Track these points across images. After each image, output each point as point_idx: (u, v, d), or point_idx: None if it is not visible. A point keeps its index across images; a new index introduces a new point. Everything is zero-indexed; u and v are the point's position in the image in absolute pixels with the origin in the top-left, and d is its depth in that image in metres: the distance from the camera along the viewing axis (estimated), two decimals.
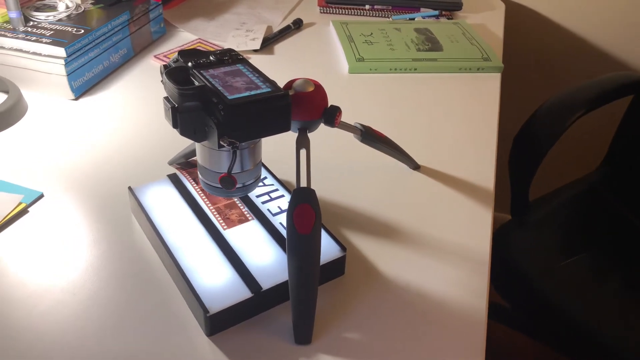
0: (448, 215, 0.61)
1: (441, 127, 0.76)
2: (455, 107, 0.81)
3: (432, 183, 0.65)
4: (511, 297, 1.00)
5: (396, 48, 0.94)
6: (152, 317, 0.47)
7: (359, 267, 0.54)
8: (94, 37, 0.78)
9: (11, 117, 0.71)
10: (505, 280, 0.99)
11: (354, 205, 0.61)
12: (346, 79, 0.87)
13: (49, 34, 0.76)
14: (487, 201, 0.63)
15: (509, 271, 0.99)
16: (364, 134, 0.59)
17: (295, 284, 0.45)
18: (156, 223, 0.53)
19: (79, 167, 0.64)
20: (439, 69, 0.90)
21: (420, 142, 0.72)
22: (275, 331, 0.47)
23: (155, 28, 0.94)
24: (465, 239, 0.58)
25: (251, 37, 0.95)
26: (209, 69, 0.47)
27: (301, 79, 0.51)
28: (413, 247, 0.56)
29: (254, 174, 0.50)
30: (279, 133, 0.46)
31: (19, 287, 0.50)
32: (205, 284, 0.47)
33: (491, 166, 0.68)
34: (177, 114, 0.43)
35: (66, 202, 0.59)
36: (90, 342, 0.45)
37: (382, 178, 0.65)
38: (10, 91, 0.73)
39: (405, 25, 1.03)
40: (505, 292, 1.00)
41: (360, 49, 0.93)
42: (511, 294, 1.00)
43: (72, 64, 0.75)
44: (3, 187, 0.59)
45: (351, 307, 0.49)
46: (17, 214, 0.56)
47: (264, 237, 0.52)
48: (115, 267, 0.52)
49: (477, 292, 0.52)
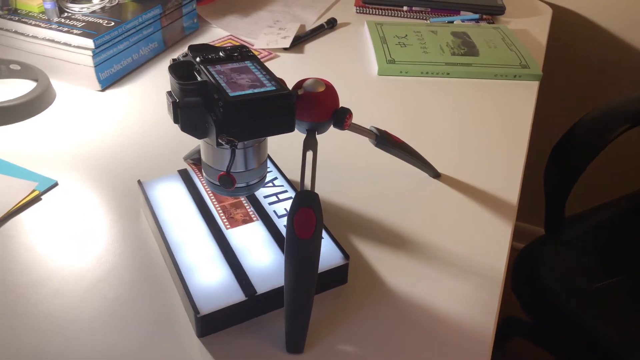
0: (465, 228, 0.58)
1: (468, 135, 0.73)
2: (486, 115, 0.77)
3: (452, 193, 0.62)
4: (537, 315, 0.95)
5: (430, 51, 0.91)
6: (147, 311, 0.47)
7: (363, 277, 0.52)
8: (123, 29, 0.79)
9: (38, 105, 0.72)
10: (532, 297, 0.95)
11: (365, 211, 0.59)
12: (375, 80, 0.85)
13: (80, 25, 0.77)
14: (508, 216, 0.59)
15: (536, 288, 0.94)
16: (378, 139, 0.57)
17: (291, 289, 0.44)
18: (160, 218, 0.52)
19: (96, 157, 0.65)
20: (473, 74, 0.87)
21: (444, 149, 0.70)
22: (268, 337, 0.45)
23: (188, 23, 0.94)
24: (481, 254, 0.55)
25: (282, 36, 0.94)
26: (216, 65, 0.46)
27: (312, 79, 0.49)
28: (423, 260, 0.54)
29: (259, 174, 0.49)
30: (282, 133, 0.45)
31: (26, 271, 0.50)
32: (201, 283, 0.46)
33: (517, 180, 0.65)
34: (178, 109, 0.43)
35: (79, 191, 0.60)
36: (83, 332, 0.45)
37: (399, 185, 0.63)
38: (40, 80, 0.74)
39: (442, 28, 1.00)
40: (531, 309, 0.95)
41: (392, 50, 0.91)
42: (537, 311, 0.95)
43: (100, 56, 0.76)
44: (19, 174, 0.60)
45: (350, 319, 0.48)
46: (30, 201, 0.57)
47: (266, 240, 0.51)
48: (119, 259, 0.52)
49: (487, 311, 0.49)
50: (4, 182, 0.58)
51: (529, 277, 0.97)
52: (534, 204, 1.46)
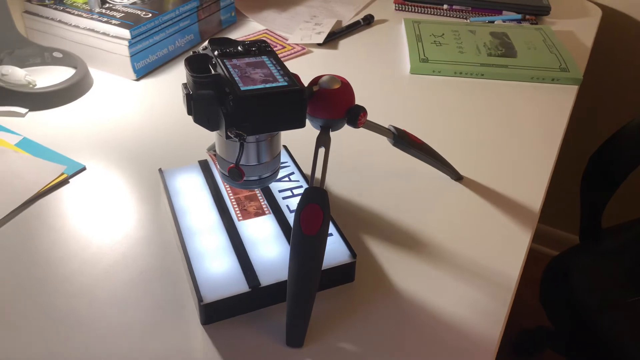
0: (481, 233, 0.56)
1: (497, 138, 0.71)
2: (518, 119, 0.75)
3: (472, 197, 0.61)
4: (564, 326, 0.92)
5: (465, 51, 0.89)
6: (157, 295, 0.48)
7: (371, 276, 0.51)
8: (160, 21, 0.81)
9: (76, 91, 0.75)
10: (560, 308, 0.92)
11: (381, 211, 0.59)
12: (407, 79, 0.84)
13: (119, 16, 0.80)
14: (528, 224, 0.58)
15: (565, 299, 0.91)
16: (396, 138, 0.56)
17: (294, 284, 0.44)
18: (176, 206, 0.54)
19: (124, 145, 0.67)
20: (508, 76, 0.84)
21: (470, 151, 0.68)
22: (269, 330, 0.46)
23: (226, 17, 0.96)
24: (495, 261, 0.53)
25: (317, 31, 0.95)
26: (233, 59, 0.47)
27: (328, 76, 0.49)
28: (435, 263, 0.53)
29: (272, 167, 0.50)
30: (292, 129, 0.45)
31: (48, 250, 0.52)
32: (208, 272, 0.47)
33: (542, 188, 0.63)
34: (191, 100, 0.44)
35: (105, 177, 0.62)
36: (96, 312, 0.47)
37: (418, 185, 0.62)
38: (78, 67, 0.78)
39: (481, 28, 0.97)
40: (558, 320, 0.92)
41: (427, 49, 0.89)
42: (564, 322, 0.92)
43: (136, 46, 0.78)
44: (50, 156, 0.63)
45: (353, 317, 0.47)
46: (58, 184, 0.60)
47: (276, 233, 0.51)
48: (136, 244, 0.53)
49: (494, 320, 0.48)
50: (35, 164, 0.61)
51: (558, 287, 0.94)
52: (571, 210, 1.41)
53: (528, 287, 1.32)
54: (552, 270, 0.97)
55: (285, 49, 0.90)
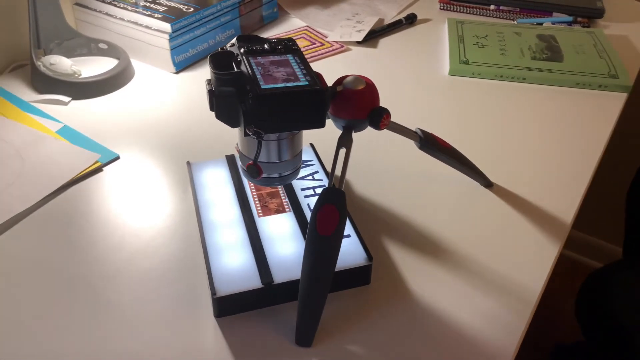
0: (507, 243, 0.55)
1: (534, 145, 0.69)
2: (559, 125, 0.72)
3: (501, 205, 0.59)
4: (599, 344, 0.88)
5: (508, 54, 0.86)
6: (174, 284, 0.49)
7: (388, 280, 0.51)
8: (201, 16, 0.82)
9: (117, 82, 0.78)
10: (596, 325, 0.88)
11: (404, 214, 0.58)
12: (445, 80, 0.82)
13: (162, 9, 0.82)
14: (558, 237, 0.56)
15: (601, 315, 0.87)
16: (422, 141, 0.55)
17: (306, 284, 0.44)
18: (200, 199, 0.55)
19: (158, 136, 0.69)
20: (552, 81, 0.81)
21: (504, 157, 0.66)
22: (280, 327, 0.46)
23: (268, 12, 0.97)
24: (518, 273, 0.52)
25: (358, 29, 0.94)
26: (258, 57, 0.47)
27: (353, 76, 0.49)
28: (455, 271, 0.52)
29: (293, 165, 0.50)
30: (311, 129, 0.45)
31: (75, 236, 0.55)
32: (223, 266, 0.48)
33: (576, 200, 0.60)
34: (213, 97, 0.44)
35: (138, 167, 0.64)
36: (114, 296, 0.48)
37: (445, 191, 0.61)
38: (121, 58, 0.80)
39: (527, 30, 0.94)
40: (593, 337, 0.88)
41: (468, 50, 0.87)
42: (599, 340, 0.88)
43: (177, 40, 0.80)
44: (86, 144, 0.65)
45: (365, 321, 0.47)
46: (92, 171, 0.62)
47: (294, 231, 0.51)
48: (159, 234, 0.55)
49: (511, 333, 0.46)
50: (71, 151, 0.64)
51: (596, 302, 0.90)
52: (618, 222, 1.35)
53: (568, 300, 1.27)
54: (590, 284, 0.93)
55: (324, 46, 0.90)
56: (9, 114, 0.70)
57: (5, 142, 0.65)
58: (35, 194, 0.58)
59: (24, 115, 0.70)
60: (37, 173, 0.60)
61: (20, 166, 0.61)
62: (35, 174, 0.60)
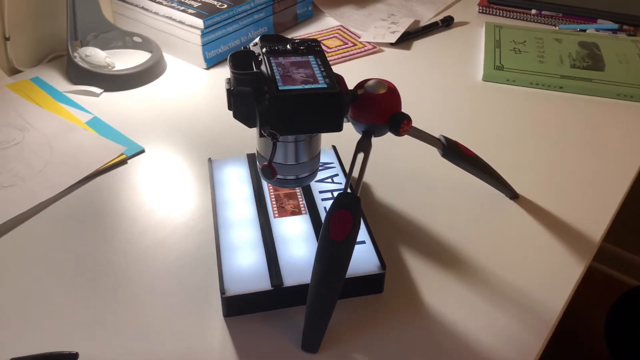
0: (529, 258, 0.53)
1: (567, 157, 0.66)
2: (595, 138, 0.69)
3: (525, 218, 0.57)
4: None
5: (546, 61, 0.83)
6: (186, 281, 0.50)
7: (401, 290, 0.50)
8: (234, 12, 0.83)
9: (148, 76, 0.79)
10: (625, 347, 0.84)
11: (425, 223, 0.57)
12: (478, 86, 0.80)
13: (196, 5, 0.83)
14: (584, 255, 0.53)
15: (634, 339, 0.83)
16: (445, 149, 0.54)
17: (315, 289, 0.44)
18: (218, 197, 0.55)
19: (185, 131, 0.70)
20: (591, 91, 0.78)
21: (533, 169, 0.64)
22: (287, 331, 0.46)
23: (302, 10, 0.96)
24: (539, 290, 0.50)
25: (392, 30, 0.92)
26: (279, 57, 0.47)
27: (374, 80, 0.48)
28: (473, 285, 0.50)
29: (310, 168, 0.49)
30: (328, 132, 0.44)
31: (97, 225, 0.56)
32: (235, 265, 0.48)
33: (607, 217, 0.58)
34: (231, 96, 0.44)
35: (162, 161, 0.64)
36: (129, 289, 0.49)
37: (469, 201, 0.59)
38: (154, 52, 0.81)
39: (569, 37, 0.91)
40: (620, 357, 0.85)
41: (504, 56, 0.85)
42: None
43: (209, 36, 0.80)
44: (114, 136, 0.66)
45: (375, 330, 0.46)
46: (117, 163, 0.63)
47: (308, 234, 0.51)
48: (177, 229, 0.55)
49: (526, 353, 0.44)
50: (98, 142, 0.65)
51: (628, 324, 0.87)
52: None
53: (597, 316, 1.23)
54: (623, 304, 0.89)
55: (356, 46, 0.89)
56: (43, 103, 0.72)
57: (37, 131, 0.66)
58: (60, 183, 0.59)
59: (57, 105, 0.72)
60: (64, 163, 0.62)
61: (49, 155, 0.63)
62: (62, 164, 0.61)
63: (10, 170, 0.60)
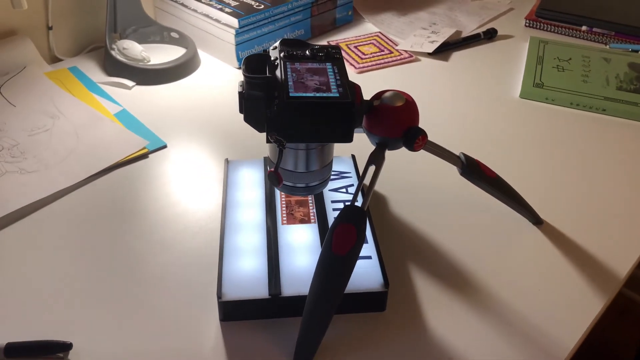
0: (546, 290, 0.50)
1: (601, 185, 0.62)
2: (635, 166, 0.65)
3: (547, 246, 0.54)
4: None
5: (591, 81, 0.79)
6: (187, 281, 0.50)
7: (405, 311, 0.48)
8: (270, 13, 0.83)
9: (181, 71, 0.80)
10: None
11: (437, 241, 0.54)
12: (514, 103, 0.77)
13: (233, 4, 0.83)
14: (606, 291, 0.50)
15: None
16: (464, 167, 0.52)
17: (312, 301, 0.43)
18: (229, 199, 0.54)
19: (209, 130, 0.70)
20: (637, 115, 0.74)
21: (563, 194, 0.61)
22: (282, 341, 0.45)
23: (342, 15, 0.95)
24: (553, 325, 0.47)
25: (431, 40, 0.90)
26: (296, 62, 0.46)
27: (392, 91, 0.47)
28: (482, 312, 0.48)
29: (321, 176, 0.48)
30: (338, 142, 0.43)
31: (109, 219, 0.56)
32: (235, 269, 0.47)
33: (636, 253, 0.54)
34: (243, 99, 0.44)
35: (183, 158, 0.65)
36: (134, 283, 0.49)
37: (487, 222, 0.57)
38: (189, 48, 0.82)
39: (619, 57, 0.86)
40: None
41: (545, 73, 0.81)
42: None
43: (243, 36, 0.80)
44: (137, 129, 0.67)
45: (370, 348, 0.45)
46: (138, 157, 0.64)
47: (314, 244, 0.50)
48: (186, 226, 0.55)
49: None
50: (122, 135, 0.66)
51: None
52: None
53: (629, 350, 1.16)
54: None
55: (392, 54, 0.87)
56: (77, 92, 0.73)
57: (66, 119, 0.68)
58: (80, 172, 0.60)
59: (89, 95, 0.73)
60: (87, 152, 0.63)
61: (74, 144, 0.64)
62: (85, 153, 0.63)
63: (35, 157, 0.62)
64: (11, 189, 0.57)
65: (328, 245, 0.43)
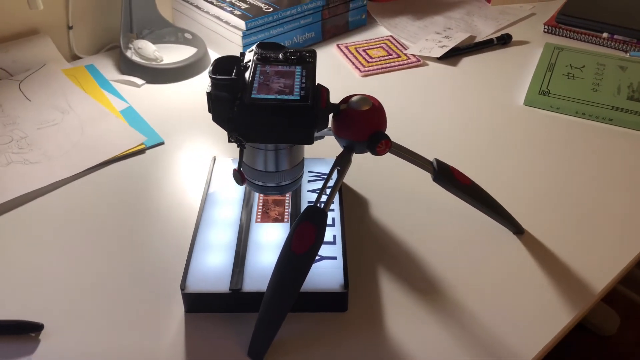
0: (513, 301, 0.49)
1: (594, 196, 0.61)
2: (631, 177, 0.63)
3: (523, 256, 0.54)
4: None
5: (601, 90, 0.77)
6: (159, 271, 0.52)
7: (367, 312, 0.48)
8: (278, 16, 0.84)
9: (191, 71, 0.82)
10: None
11: (411, 246, 0.55)
12: (518, 111, 0.76)
13: (244, 7, 0.85)
14: (577, 306, 0.49)
15: None
16: (436, 174, 0.51)
17: (269, 298, 0.44)
18: (209, 195, 0.56)
19: (209, 129, 0.72)
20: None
21: (550, 205, 0.59)
22: (241, 336, 0.46)
23: (355, 18, 0.96)
24: (516, 337, 0.46)
25: (441, 44, 0.90)
26: (266, 65, 0.47)
27: (360, 95, 0.47)
28: (446, 320, 0.48)
29: (291, 176, 0.49)
30: (298, 144, 0.45)
31: (99, 209, 0.59)
32: (203, 263, 0.49)
33: (614, 270, 0.52)
34: (210, 100, 0.45)
35: (178, 155, 0.67)
36: (98, 269, 0.52)
37: (465, 230, 0.56)
38: (199, 48, 0.85)
39: (636, 65, 0.83)
40: None
41: (554, 81, 0.79)
42: None
43: (250, 38, 0.82)
44: (139, 126, 0.70)
45: (325, 347, 0.45)
46: (135, 152, 0.66)
47: (282, 243, 0.51)
48: (167, 222, 0.57)
49: None
50: (123, 130, 0.69)
51: None
52: None
53: None
54: None
55: (400, 58, 0.87)
56: (88, 88, 0.77)
57: (74, 113, 0.72)
58: (78, 164, 0.63)
59: (99, 91, 0.77)
60: (89, 146, 0.66)
61: (78, 138, 0.68)
62: (86, 147, 0.66)
63: (40, 149, 0.66)
64: (13, 178, 0.61)
65: (288, 244, 0.44)
